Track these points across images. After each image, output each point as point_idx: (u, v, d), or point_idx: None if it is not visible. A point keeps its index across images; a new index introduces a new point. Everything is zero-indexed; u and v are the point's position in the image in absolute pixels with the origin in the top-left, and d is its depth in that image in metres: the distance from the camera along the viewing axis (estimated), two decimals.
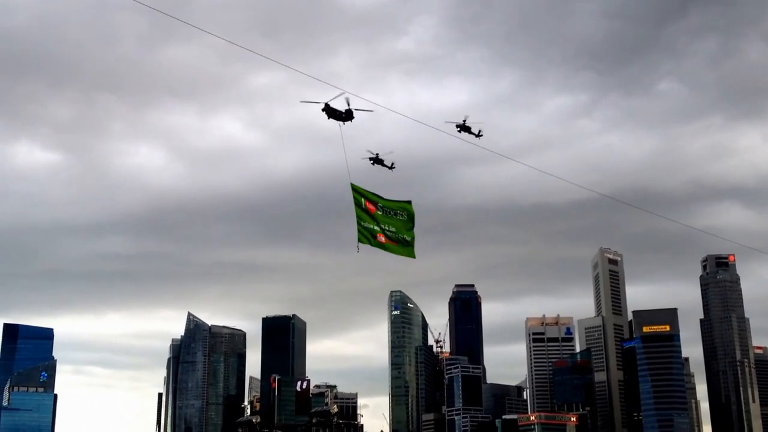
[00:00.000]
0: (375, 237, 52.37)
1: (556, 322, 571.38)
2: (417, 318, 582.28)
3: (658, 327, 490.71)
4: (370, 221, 52.18)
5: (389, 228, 53.04)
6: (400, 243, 53.67)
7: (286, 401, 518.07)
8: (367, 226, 52.04)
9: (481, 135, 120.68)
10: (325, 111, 69.10)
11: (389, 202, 53.53)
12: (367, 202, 52.38)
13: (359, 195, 52.32)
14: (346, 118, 69.27)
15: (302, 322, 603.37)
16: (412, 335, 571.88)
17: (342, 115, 69.03)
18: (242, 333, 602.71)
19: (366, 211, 52.21)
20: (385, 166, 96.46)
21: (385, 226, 52.90)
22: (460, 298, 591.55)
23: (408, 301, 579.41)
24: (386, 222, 53.01)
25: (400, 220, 53.80)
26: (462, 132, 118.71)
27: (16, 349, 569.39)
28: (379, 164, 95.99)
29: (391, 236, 53.08)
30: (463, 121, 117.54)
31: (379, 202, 52.97)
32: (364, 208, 52.20)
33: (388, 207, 53.34)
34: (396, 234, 53.44)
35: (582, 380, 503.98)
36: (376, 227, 52.44)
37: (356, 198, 52.12)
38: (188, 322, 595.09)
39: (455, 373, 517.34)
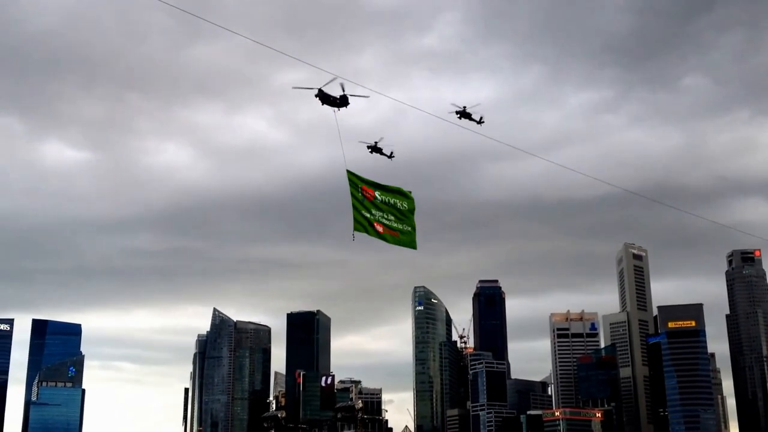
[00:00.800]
0: (372, 226, 50.25)
1: (580, 318, 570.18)
2: (441, 313, 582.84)
3: (684, 322, 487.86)
4: (367, 209, 50.17)
5: (388, 217, 50.95)
6: (400, 233, 51.34)
7: (311, 396, 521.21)
8: (364, 215, 50.03)
9: (482, 122, 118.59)
10: (319, 97, 68.02)
11: (388, 193, 51.52)
12: (365, 189, 50.46)
13: (356, 181, 50.36)
14: (340, 104, 68.10)
15: (327, 317, 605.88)
16: (436, 331, 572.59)
17: (336, 101, 67.95)
18: (267, 329, 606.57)
19: (363, 199, 50.21)
20: (384, 154, 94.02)
21: (384, 214, 50.81)
22: (484, 293, 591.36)
23: (432, 297, 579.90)
24: (385, 210, 50.89)
25: (400, 208, 51.57)
26: (462, 119, 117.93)
27: (44, 345, 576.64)
28: (378, 153, 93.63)
29: (389, 225, 50.88)
30: (463, 107, 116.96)
31: (378, 190, 50.89)
32: (362, 195, 50.24)
33: (387, 195, 51.30)
34: (395, 223, 51.22)
35: (607, 376, 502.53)
36: (374, 216, 50.40)
37: (353, 184, 50.14)
38: (214, 317, 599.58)
39: (479, 368, 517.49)
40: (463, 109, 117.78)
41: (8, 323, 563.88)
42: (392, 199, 51.24)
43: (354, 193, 49.57)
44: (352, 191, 49.53)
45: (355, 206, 49.52)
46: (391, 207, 51.04)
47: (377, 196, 50.43)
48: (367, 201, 49.97)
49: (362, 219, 49.68)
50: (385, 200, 50.90)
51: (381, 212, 50.42)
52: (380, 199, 50.53)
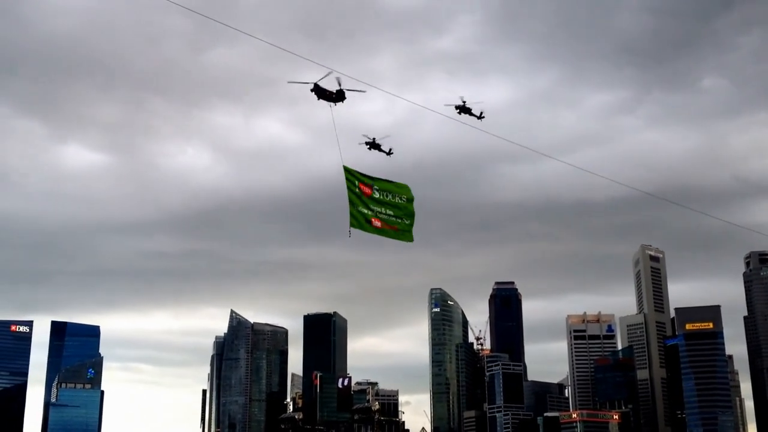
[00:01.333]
0: (369, 222, 49.42)
1: (597, 320, 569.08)
2: (457, 315, 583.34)
3: (701, 324, 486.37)
4: (364, 205, 49.34)
5: (386, 211, 50.16)
6: (398, 227, 50.58)
7: (327, 398, 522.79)
8: (361, 211, 49.15)
9: (482, 117, 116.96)
10: (314, 91, 66.77)
11: (387, 184, 50.75)
12: (362, 185, 49.57)
13: (352, 177, 49.49)
14: (336, 99, 66.96)
15: (343, 319, 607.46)
16: (452, 332, 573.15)
17: (332, 95, 66.87)
18: (284, 330, 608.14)
19: (360, 195, 49.39)
20: (383, 151, 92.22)
21: (381, 209, 49.99)
22: (501, 295, 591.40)
23: (448, 299, 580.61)
24: (383, 206, 50.06)
25: (399, 202, 50.80)
26: (462, 114, 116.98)
27: (63, 347, 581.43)
28: (376, 149, 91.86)
29: (388, 220, 50.15)
30: (462, 102, 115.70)
31: (375, 185, 50.19)
32: (359, 191, 49.31)
33: (385, 189, 50.42)
34: (393, 218, 50.40)
35: (624, 378, 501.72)
36: (371, 211, 49.54)
37: (349, 180, 49.27)
38: (231, 319, 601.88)
39: (496, 370, 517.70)
40: (463, 104, 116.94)
41: (28, 325, 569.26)
42: (391, 193, 50.63)
43: (350, 189, 48.96)
44: (349, 187, 48.93)
45: (352, 202, 48.88)
46: (390, 201, 50.38)
47: (375, 192, 49.91)
48: (364, 197, 49.42)
49: (359, 215, 49.05)
50: (384, 195, 50.26)
51: (379, 207, 49.90)
52: (378, 195, 49.96)
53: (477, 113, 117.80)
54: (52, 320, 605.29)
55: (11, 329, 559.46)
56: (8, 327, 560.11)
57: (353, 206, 48.70)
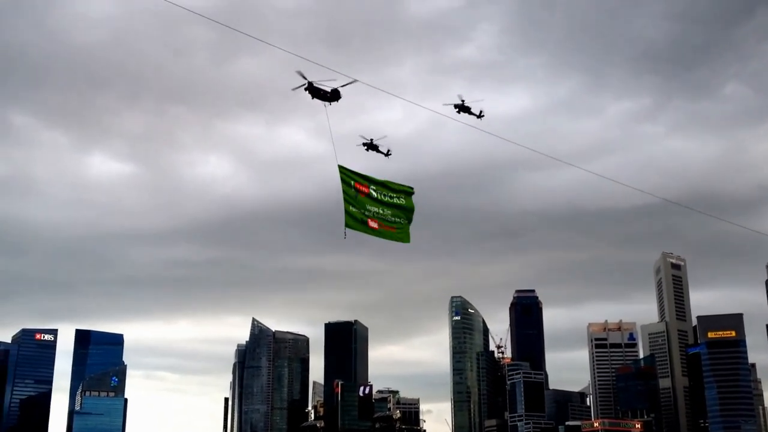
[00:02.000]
0: (366, 223, 47.45)
1: (618, 328, 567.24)
2: (478, 323, 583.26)
3: (724, 332, 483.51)
4: (360, 206, 47.44)
5: (383, 211, 48.27)
6: (396, 227, 48.71)
7: (349, 406, 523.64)
8: (357, 211, 47.21)
9: (482, 116, 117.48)
10: (308, 90, 65.22)
11: (384, 188, 48.95)
12: (358, 185, 47.68)
13: (348, 177, 47.58)
14: (331, 98, 65.63)
15: (364, 327, 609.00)
16: (473, 341, 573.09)
17: (327, 94, 65.50)
18: (305, 338, 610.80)
19: (356, 195, 47.49)
20: (381, 152, 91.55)
21: (379, 209, 48.12)
22: (521, 303, 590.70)
23: (469, 307, 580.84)
24: (380, 205, 48.23)
25: (398, 202, 48.99)
26: (461, 113, 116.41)
27: (87, 355, 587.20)
28: (374, 150, 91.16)
29: (385, 221, 48.23)
30: (461, 101, 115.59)
31: (372, 184, 48.33)
32: (354, 190, 47.43)
33: (383, 189, 48.64)
34: (391, 218, 48.50)
35: (646, 386, 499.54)
36: (369, 212, 47.69)
37: (345, 180, 47.37)
38: (253, 327, 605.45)
39: (517, 378, 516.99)
40: (462, 103, 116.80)
41: (52, 333, 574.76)
42: (389, 193, 48.89)
43: (346, 190, 47.17)
44: (344, 187, 47.20)
45: (347, 202, 47.07)
46: (388, 201, 48.66)
47: (372, 192, 48.19)
48: (360, 197, 47.62)
49: (355, 215, 47.18)
50: (381, 195, 48.49)
51: (376, 207, 48.10)
52: (375, 195, 48.22)
53: (476, 112, 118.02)
54: (77, 328, 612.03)
55: (36, 337, 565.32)
56: (33, 335, 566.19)
57: (348, 206, 46.98)
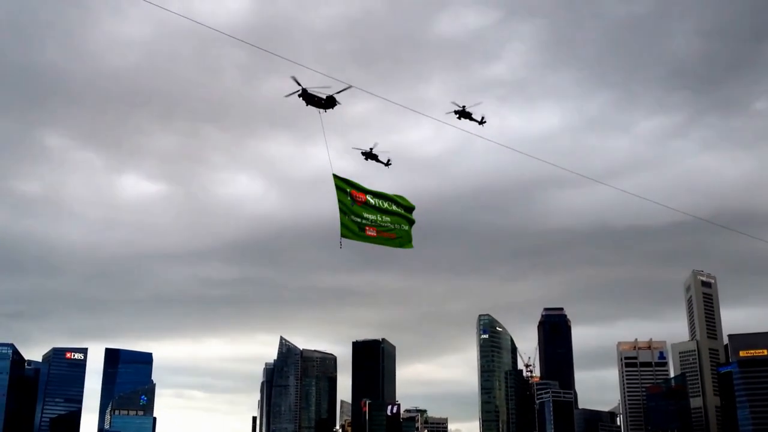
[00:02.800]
0: (363, 231, 45.97)
1: (648, 347, 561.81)
2: (506, 342, 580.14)
3: (756, 351, 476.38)
4: (357, 214, 46.00)
5: (382, 219, 46.84)
6: (396, 234, 47.44)
7: (377, 425, 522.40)
8: (353, 219, 45.73)
9: (484, 122, 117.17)
10: (303, 97, 64.00)
11: (382, 198, 47.56)
12: (354, 192, 46.28)
13: (344, 185, 46.11)
14: (326, 105, 64.30)
15: (392, 346, 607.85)
16: (501, 359, 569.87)
17: (322, 101, 64.21)
18: (333, 357, 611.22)
19: (353, 203, 46.05)
20: (380, 162, 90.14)
21: (377, 217, 46.65)
22: (549, 321, 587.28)
23: (497, 325, 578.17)
24: (378, 213, 46.82)
25: (396, 209, 47.78)
26: (462, 119, 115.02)
27: (117, 374, 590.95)
28: (373, 159, 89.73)
29: (384, 228, 46.85)
30: (462, 107, 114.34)
31: (369, 194, 46.87)
32: (351, 199, 46.00)
33: (379, 196, 47.22)
34: (390, 224, 47.11)
35: (677, 406, 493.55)
36: (366, 220, 46.23)
37: (340, 188, 45.91)
38: (281, 346, 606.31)
39: (546, 398, 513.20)
40: (462, 108, 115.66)
41: (82, 352, 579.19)
42: (387, 201, 47.66)
43: (342, 198, 45.76)
44: (340, 196, 45.77)
45: (343, 211, 45.60)
46: (386, 208, 47.40)
47: (369, 199, 46.83)
48: (357, 205, 46.28)
49: (351, 224, 45.72)
50: (379, 203, 47.22)
51: (373, 215, 46.73)
52: (372, 202, 46.86)
53: (478, 118, 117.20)
54: (106, 347, 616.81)
55: (66, 356, 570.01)
56: (63, 354, 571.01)
57: (344, 215, 45.64)
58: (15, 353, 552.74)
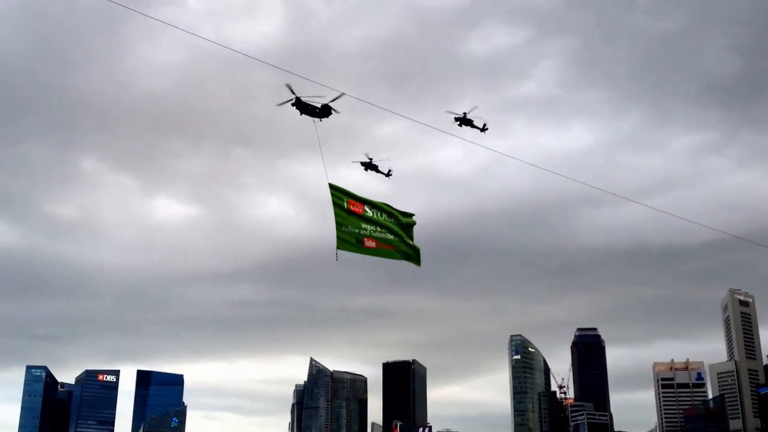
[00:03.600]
0: (361, 242, 44.32)
1: (686, 367, 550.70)
2: (539, 363, 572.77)
3: None
4: (354, 225, 44.21)
5: (380, 230, 44.93)
6: (396, 246, 45.53)
7: None
8: (350, 231, 43.95)
9: (486, 129, 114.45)
10: (296, 106, 62.56)
11: (381, 209, 45.47)
12: (353, 203, 44.45)
13: (341, 196, 44.29)
14: (321, 114, 62.86)
15: (422, 367, 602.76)
16: (534, 381, 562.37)
17: (316, 110, 62.77)
18: (363, 378, 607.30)
19: (350, 214, 44.25)
20: (380, 172, 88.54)
21: (375, 228, 44.82)
22: (583, 342, 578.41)
23: (529, 346, 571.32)
24: (377, 224, 44.96)
25: (394, 222, 45.68)
26: (462, 126, 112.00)
27: (148, 395, 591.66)
28: (373, 170, 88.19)
29: (383, 239, 44.89)
30: (463, 114, 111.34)
31: (367, 205, 45.05)
32: (347, 209, 44.20)
33: (378, 208, 45.22)
34: (389, 235, 45.19)
35: (716, 428, 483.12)
36: (364, 231, 44.49)
37: (337, 198, 44.13)
38: (311, 367, 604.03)
39: (581, 420, 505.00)
40: (463, 116, 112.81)
41: (114, 374, 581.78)
42: (386, 212, 45.71)
43: (338, 209, 44.07)
44: (336, 207, 44.09)
45: (339, 222, 43.96)
46: (384, 221, 45.43)
47: (367, 210, 45.01)
48: (354, 216, 44.55)
49: (348, 236, 44.03)
50: (378, 214, 45.33)
51: (372, 226, 44.85)
52: (371, 213, 45.07)
53: (479, 125, 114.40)
54: (138, 369, 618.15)
55: (99, 378, 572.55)
56: (96, 376, 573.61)
57: (340, 227, 43.98)
58: (48, 376, 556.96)
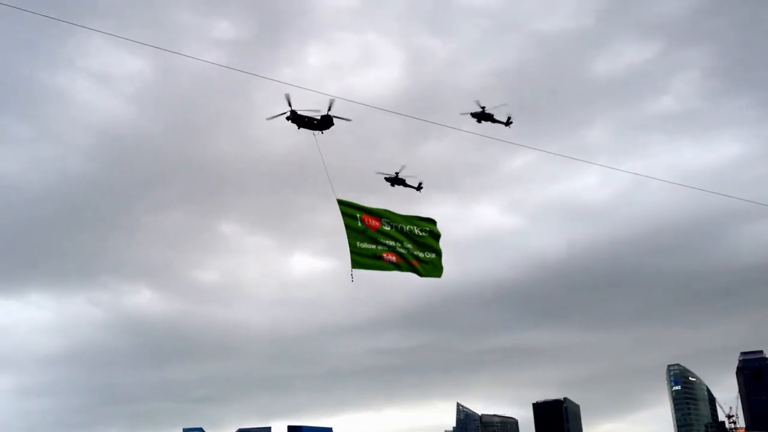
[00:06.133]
0: (380, 257, 41.79)
1: None
2: (702, 392, 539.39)
3: None
4: (371, 241, 41.73)
5: (404, 245, 42.46)
6: (420, 261, 43.07)
7: None
8: (365, 248, 41.47)
9: (511, 122, 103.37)
10: (292, 120, 60.19)
11: (401, 218, 42.81)
12: (366, 217, 41.98)
13: (352, 210, 41.88)
14: (321, 126, 60.75)
15: (575, 405, 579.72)
16: (698, 412, 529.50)
17: (314, 122, 60.66)
18: (514, 421, 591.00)
19: (365, 229, 41.82)
20: (410, 186, 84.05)
21: (397, 243, 42.37)
22: (749, 366, 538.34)
23: (689, 375, 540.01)
24: (398, 238, 42.40)
25: (419, 233, 43.44)
26: (482, 122, 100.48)
27: None
28: (401, 185, 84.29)
29: (406, 254, 42.43)
30: (482, 108, 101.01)
31: (384, 218, 42.52)
32: (361, 225, 41.72)
33: (399, 220, 42.58)
34: (415, 251, 42.76)
35: None
36: (383, 246, 42.05)
37: (348, 214, 41.76)
38: (458, 412, 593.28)
39: None
40: (482, 110, 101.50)
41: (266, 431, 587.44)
42: (407, 224, 43.05)
43: (350, 225, 41.37)
44: (348, 222, 41.43)
45: (353, 238, 41.32)
46: (408, 232, 42.86)
47: (384, 224, 42.29)
48: (370, 231, 41.95)
49: (364, 253, 41.37)
50: (397, 227, 42.68)
51: (392, 241, 42.30)
52: (388, 228, 42.41)
53: (502, 119, 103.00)
54: (289, 425, 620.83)
55: None
56: None
57: (355, 242, 41.22)
58: None
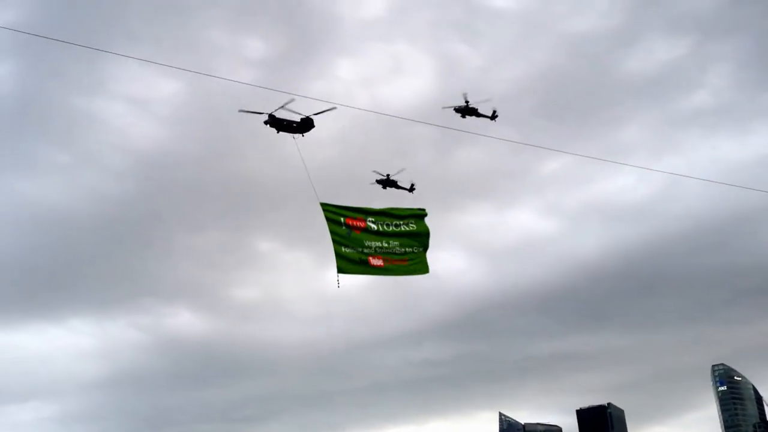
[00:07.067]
0: (366, 262, 41.33)
1: None
2: (748, 391, 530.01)
3: None
4: (356, 244, 41.31)
5: (388, 244, 41.77)
6: (408, 258, 42.40)
7: None
8: (352, 250, 41.09)
9: (496, 116, 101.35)
10: (270, 124, 59.02)
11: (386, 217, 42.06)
12: (350, 220, 41.42)
13: (336, 214, 41.38)
14: (301, 128, 59.79)
15: (619, 410, 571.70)
16: (746, 412, 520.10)
17: (293, 125, 59.71)
18: (558, 428, 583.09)
19: (349, 233, 41.34)
20: (402, 188, 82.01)
21: (381, 243, 41.75)
22: None
23: (734, 374, 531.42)
24: (383, 238, 41.80)
25: (405, 230, 42.57)
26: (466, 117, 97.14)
27: None
28: (392, 186, 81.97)
29: (392, 254, 41.87)
30: (465, 102, 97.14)
31: (370, 216, 42.03)
32: (345, 228, 41.30)
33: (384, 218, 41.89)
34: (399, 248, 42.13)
35: None
36: (369, 249, 41.49)
37: (331, 218, 41.28)
38: (501, 422, 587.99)
39: None
40: (466, 105, 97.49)
41: None
42: (393, 221, 42.56)
43: (334, 229, 41.25)
44: (332, 227, 41.27)
45: (337, 242, 41.21)
46: (393, 231, 42.38)
47: (370, 225, 41.93)
48: (354, 234, 41.73)
49: (349, 256, 41.23)
50: (383, 226, 42.28)
51: (378, 242, 41.94)
52: (375, 228, 42.10)
53: (487, 113, 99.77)
54: None
55: None
56: None
57: (340, 247, 41.04)
58: None
